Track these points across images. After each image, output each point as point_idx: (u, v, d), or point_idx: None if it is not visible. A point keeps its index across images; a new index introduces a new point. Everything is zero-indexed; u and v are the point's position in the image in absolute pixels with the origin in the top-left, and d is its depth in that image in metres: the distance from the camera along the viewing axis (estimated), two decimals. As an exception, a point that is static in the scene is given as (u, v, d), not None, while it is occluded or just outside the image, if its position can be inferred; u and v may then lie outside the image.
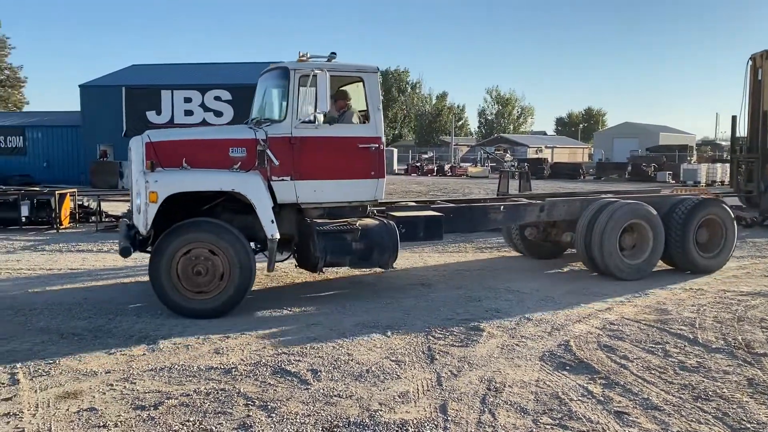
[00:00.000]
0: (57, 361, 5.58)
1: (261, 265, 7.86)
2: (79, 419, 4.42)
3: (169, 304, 7.08)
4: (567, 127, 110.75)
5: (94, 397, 4.81)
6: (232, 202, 7.38)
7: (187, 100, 28.15)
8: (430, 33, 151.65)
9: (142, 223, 6.97)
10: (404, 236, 7.97)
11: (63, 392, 4.89)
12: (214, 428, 4.28)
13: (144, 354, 5.81)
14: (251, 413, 4.52)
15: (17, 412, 4.52)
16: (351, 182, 7.80)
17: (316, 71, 7.17)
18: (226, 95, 27.70)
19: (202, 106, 27.92)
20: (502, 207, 9.24)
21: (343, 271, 9.78)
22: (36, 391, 4.92)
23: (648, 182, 34.00)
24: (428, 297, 8.06)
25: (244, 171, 7.37)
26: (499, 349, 5.96)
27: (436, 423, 4.38)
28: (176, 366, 5.46)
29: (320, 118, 7.45)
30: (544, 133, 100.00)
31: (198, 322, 6.81)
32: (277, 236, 7.17)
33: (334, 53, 7.86)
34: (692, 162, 44.52)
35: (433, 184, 32.18)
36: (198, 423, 4.36)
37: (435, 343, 6.12)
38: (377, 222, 7.84)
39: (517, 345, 6.09)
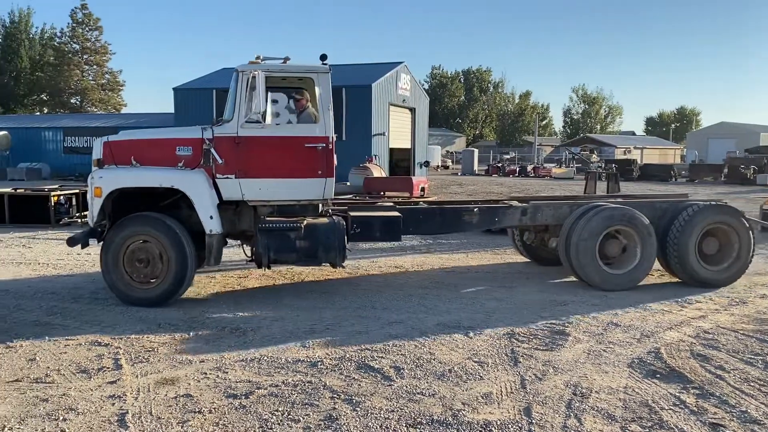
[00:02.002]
0: (155, 349, 5.92)
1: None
2: (177, 404, 4.68)
3: (116, 292, 7.56)
4: (658, 127, 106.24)
5: (189, 384, 5.07)
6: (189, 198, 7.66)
7: (274, 101, 28.81)
8: (513, 31, 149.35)
9: (89, 216, 7.71)
10: (359, 236, 8.19)
11: (161, 378, 5.19)
12: (301, 419, 4.43)
13: (235, 345, 6.06)
14: (337, 406, 4.64)
15: (121, 395, 4.84)
16: (297, 181, 7.82)
17: (254, 73, 7.38)
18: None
19: (288, 107, 28.62)
20: (476, 209, 8.89)
21: (424, 270, 9.83)
22: (137, 376, 5.24)
23: (747, 185, 32.07)
24: (511, 299, 7.97)
25: (189, 169, 7.67)
26: (586, 354, 5.82)
27: (520, 425, 4.34)
28: (265, 357, 5.67)
29: (268, 118, 7.72)
30: (633, 133, 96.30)
31: (285, 317, 7.03)
32: (216, 231, 7.50)
33: (324, 55, 8.11)
34: (797, 164, 41.52)
35: (514, 185, 31.62)
36: (286, 413, 4.52)
37: (518, 346, 6.05)
38: (325, 221, 7.87)
39: (604, 351, 5.93)
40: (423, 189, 19.92)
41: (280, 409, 4.59)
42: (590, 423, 4.39)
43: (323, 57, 8.16)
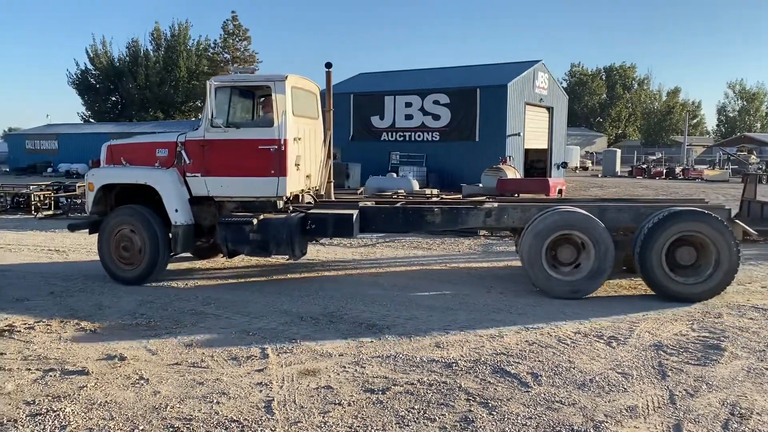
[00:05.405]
0: (298, 341, 6.22)
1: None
2: (318, 395, 4.89)
3: (108, 272, 8.87)
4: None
5: (329, 376, 5.27)
6: None
7: (408, 104, 29.34)
8: (660, 24, 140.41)
9: (86, 206, 9.22)
10: (314, 232, 8.75)
11: (304, 369, 5.44)
12: (437, 418, 4.45)
13: (371, 341, 6.21)
14: (472, 408, 4.61)
15: (268, 383, 5.13)
16: (252, 179, 8.59)
17: (208, 84, 8.38)
18: (444, 99, 28.34)
19: (422, 110, 28.89)
20: (436, 209, 8.84)
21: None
22: (282, 366, 5.53)
23: None
24: (657, 308, 7.49)
25: (164, 168, 8.81)
26: (745, 372, 5.34)
27: (669, 443, 4.07)
28: (401, 355, 5.76)
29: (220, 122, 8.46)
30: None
31: (418, 317, 7.09)
32: (180, 223, 8.59)
33: (329, 63, 9.83)
34: None
35: (661, 187, 29.72)
36: (422, 411, 4.56)
37: (667, 359, 5.68)
38: (280, 217, 8.56)
39: (766, 369, 5.41)
40: (560, 191, 19.24)
41: (416, 407, 4.64)
42: (751, 447, 4.02)
43: (328, 65, 9.67)
